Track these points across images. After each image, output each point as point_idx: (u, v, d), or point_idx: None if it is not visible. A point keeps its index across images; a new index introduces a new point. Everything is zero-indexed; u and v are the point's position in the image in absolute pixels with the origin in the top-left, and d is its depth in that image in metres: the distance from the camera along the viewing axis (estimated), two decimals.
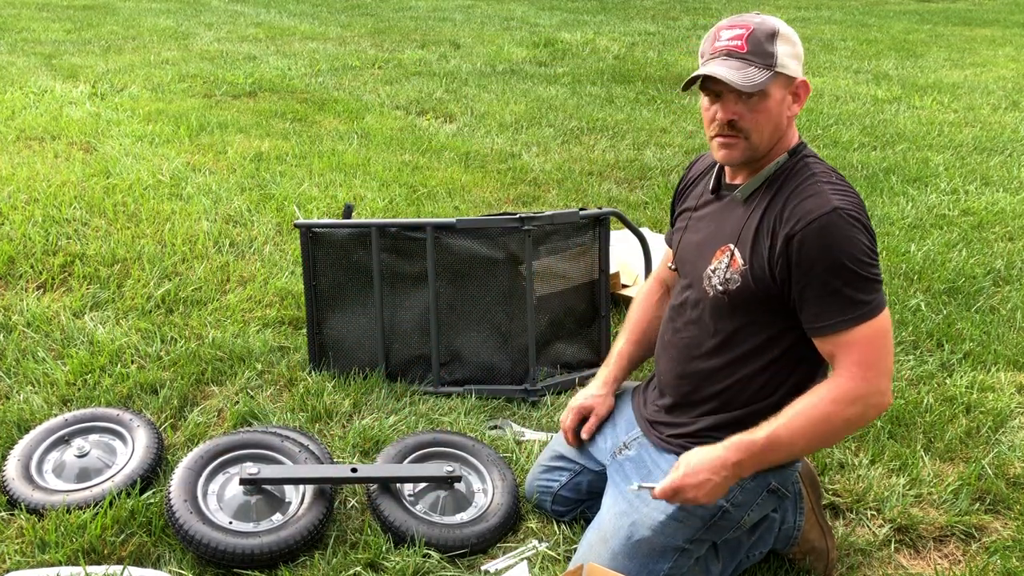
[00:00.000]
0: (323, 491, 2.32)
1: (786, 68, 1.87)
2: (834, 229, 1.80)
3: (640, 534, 2.00)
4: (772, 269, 1.88)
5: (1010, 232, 4.55)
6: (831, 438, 1.91)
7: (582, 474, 2.33)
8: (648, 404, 2.23)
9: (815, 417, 1.84)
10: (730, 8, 14.33)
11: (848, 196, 1.86)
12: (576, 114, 6.88)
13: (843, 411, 1.83)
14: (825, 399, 1.84)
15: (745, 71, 1.83)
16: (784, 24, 1.90)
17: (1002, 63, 9.68)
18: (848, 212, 1.82)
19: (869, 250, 1.83)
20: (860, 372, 1.82)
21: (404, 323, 3.03)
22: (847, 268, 1.80)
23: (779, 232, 1.86)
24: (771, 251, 1.88)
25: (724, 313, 1.99)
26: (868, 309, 1.82)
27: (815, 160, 1.95)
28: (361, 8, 13.57)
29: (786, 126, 1.94)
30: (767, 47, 1.85)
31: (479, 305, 3.01)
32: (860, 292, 1.81)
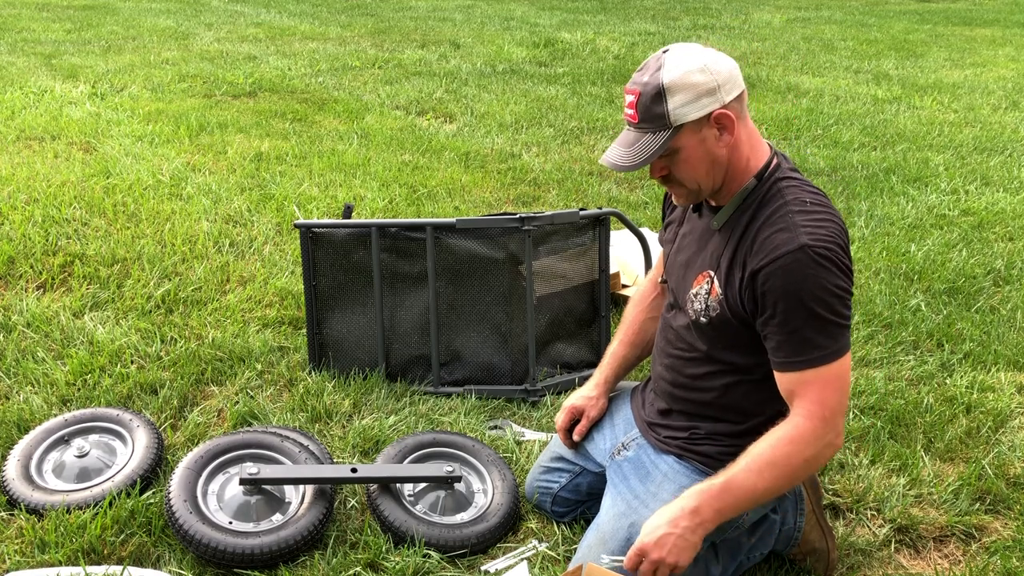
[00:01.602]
0: (323, 491, 2.32)
1: (686, 118, 1.80)
2: (800, 268, 1.75)
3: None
4: (742, 301, 1.87)
5: (1010, 232, 4.55)
6: (791, 479, 1.87)
7: (582, 475, 2.33)
8: (647, 405, 2.23)
9: (774, 459, 1.82)
10: (730, 8, 14.33)
11: (821, 227, 1.79)
12: (576, 114, 6.88)
13: (802, 452, 1.81)
14: (783, 440, 1.82)
15: (638, 144, 1.84)
16: (683, 65, 1.79)
17: (1002, 63, 9.68)
18: (817, 250, 1.75)
19: (837, 290, 1.77)
20: (818, 412, 1.80)
21: (404, 323, 3.03)
22: (809, 310, 1.76)
23: (748, 265, 1.84)
24: (740, 283, 1.86)
25: (708, 335, 1.99)
26: (827, 353, 1.79)
27: (788, 183, 1.88)
28: (361, 8, 13.57)
29: (731, 157, 1.86)
30: (655, 109, 1.80)
31: (479, 305, 3.01)
32: (821, 335, 1.78)
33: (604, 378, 2.37)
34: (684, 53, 1.82)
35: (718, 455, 2.02)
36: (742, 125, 1.87)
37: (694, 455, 2.06)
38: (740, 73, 1.86)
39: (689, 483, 2.01)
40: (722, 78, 1.81)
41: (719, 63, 1.82)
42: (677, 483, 2.03)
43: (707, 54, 1.83)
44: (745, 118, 1.88)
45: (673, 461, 2.08)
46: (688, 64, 1.80)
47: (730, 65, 1.84)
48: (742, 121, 1.87)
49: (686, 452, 2.06)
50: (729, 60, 1.86)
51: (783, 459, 1.81)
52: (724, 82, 1.81)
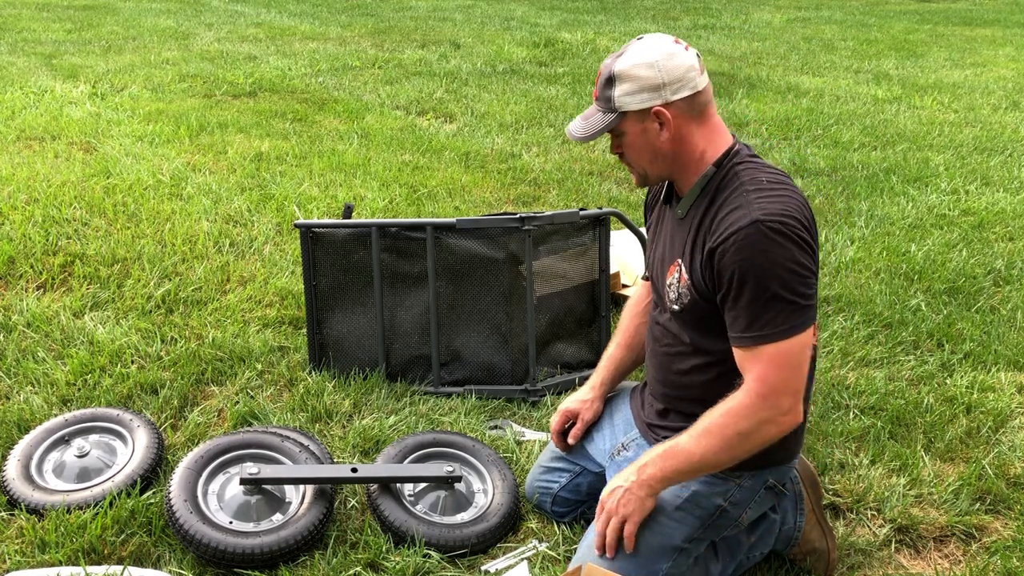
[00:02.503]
0: (323, 491, 2.32)
1: (627, 106, 1.87)
2: (751, 243, 1.76)
3: (638, 534, 2.00)
4: (704, 281, 1.89)
5: (1010, 232, 4.55)
6: (727, 450, 1.86)
7: (582, 475, 2.33)
8: (646, 407, 2.23)
9: (710, 428, 1.85)
10: (730, 8, 14.33)
11: (776, 202, 1.79)
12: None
13: (735, 424, 1.82)
14: (722, 410, 1.84)
15: (591, 119, 1.93)
16: (636, 57, 1.86)
17: (1002, 63, 9.68)
18: (769, 224, 1.76)
19: (792, 264, 1.76)
20: (756, 388, 1.80)
21: (404, 323, 3.03)
22: (760, 285, 1.76)
23: (706, 245, 1.86)
24: (701, 264, 1.88)
25: (687, 325, 2.00)
26: (775, 331, 1.77)
27: (746, 166, 1.89)
28: (361, 8, 13.57)
29: (674, 147, 1.90)
30: (606, 92, 1.90)
31: (479, 305, 3.01)
32: (770, 311, 1.77)
33: (600, 381, 2.37)
34: (646, 46, 1.88)
35: None
36: (692, 123, 1.90)
37: None
38: (699, 74, 1.88)
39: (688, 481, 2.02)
40: (670, 77, 1.85)
41: (673, 61, 1.86)
42: None
43: (664, 51, 1.86)
44: (699, 116, 1.90)
45: None
46: (642, 57, 1.86)
47: (686, 65, 1.86)
48: (691, 119, 1.89)
49: None
50: (687, 60, 1.87)
51: (717, 429, 1.84)
52: (671, 81, 1.85)
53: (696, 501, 2.01)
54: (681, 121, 1.88)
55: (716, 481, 2.01)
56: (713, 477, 2.01)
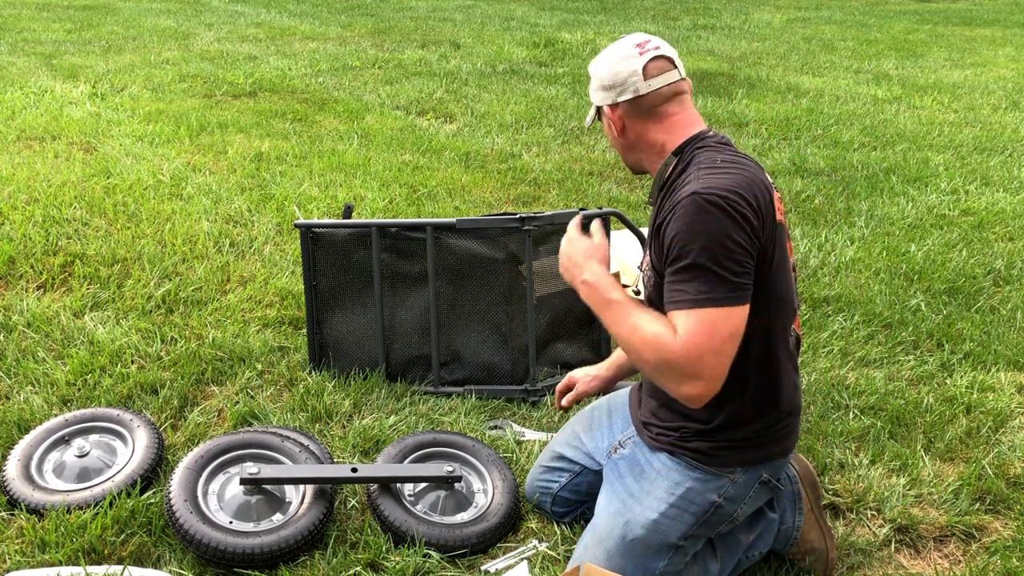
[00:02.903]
0: (323, 491, 2.32)
1: (595, 101, 2.07)
2: (685, 214, 1.80)
3: (634, 533, 2.00)
4: (655, 260, 1.95)
5: (1010, 232, 4.55)
6: (637, 356, 1.87)
7: (582, 475, 2.33)
8: (641, 405, 2.24)
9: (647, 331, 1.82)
10: (730, 8, 14.33)
11: (720, 177, 1.82)
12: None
13: (657, 352, 1.79)
14: (660, 326, 1.81)
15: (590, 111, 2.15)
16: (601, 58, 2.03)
17: (1002, 63, 9.68)
18: (704, 195, 1.79)
19: (720, 239, 1.77)
20: (683, 347, 1.76)
21: (404, 323, 3.03)
22: (692, 252, 1.78)
23: (656, 223, 1.93)
24: (653, 246, 1.95)
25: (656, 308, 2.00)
26: (705, 299, 1.76)
27: (707, 150, 1.94)
28: (361, 8, 13.57)
29: (633, 142, 2.03)
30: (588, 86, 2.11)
31: (479, 305, 3.01)
32: (701, 281, 1.77)
33: (611, 362, 2.49)
34: (612, 48, 2.03)
35: (708, 450, 2.03)
36: (644, 121, 2.00)
37: (685, 451, 2.06)
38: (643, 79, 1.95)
39: (681, 478, 2.03)
40: (616, 80, 1.99)
41: (618, 66, 1.98)
42: (670, 479, 2.04)
43: (618, 54, 1.99)
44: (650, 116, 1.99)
45: (666, 458, 2.08)
46: (602, 59, 2.04)
47: (628, 71, 1.96)
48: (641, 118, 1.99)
49: (677, 448, 2.07)
50: (632, 66, 1.96)
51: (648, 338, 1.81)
52: (617, 84, 1.99)
53: (690, 498, 2.01)
54: (630, 121, 2.01)
55: (709, 477, 2.02)
56: (706, 474, 2.02)
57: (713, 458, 2.02)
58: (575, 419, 2.48)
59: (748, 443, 2.01)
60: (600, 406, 2.43)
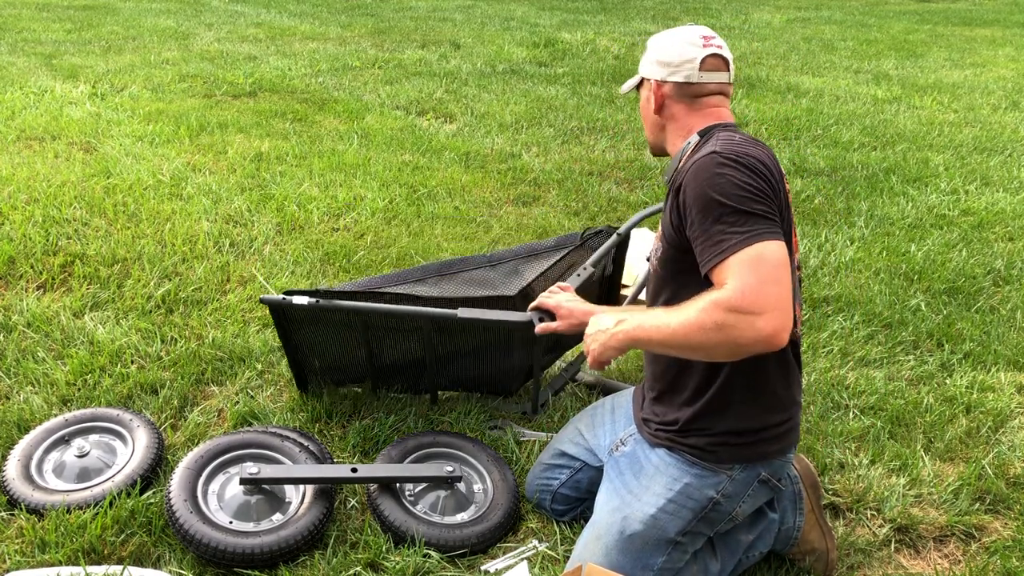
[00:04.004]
0: (323, 491, 2.32)
1: (643, 73, 2.14)
2: (705, 169, 1.85)
3: (632, 528, 2.00)
4: (672, 222, 1.96)
5: (1010, 232, 4.55)
6: (700, 332, 1.79)
7: (582, 471, 2.33)
8: (644, 405, 2.25)
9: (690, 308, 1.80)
10: (730, 8, 14.33)
11: (735, 145, 1.89)
12: (576, 114, 6.88)
13: (714, 314, 1.75)
14: (707, 296, 1.79)
15: (630, 79, 2.23)
16: (668, 34, 2.10)
17: (1002, 63, 9.68)
18: (723, 154, 1.86)
19: (744, 184, 1.81)
20: (737, 286, 1.74)
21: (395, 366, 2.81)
22: (717, 202, 1.81)
23: (676, 189, 1.95)
24: (670, 208, 1.97)
25: (663, 284, 2.08)
26: (742, 239, 1.77)
27: (726, 130, 2.00)
28: (361, 8, 13.57)
29: (663, 121, 2.11)
30: (642, 56, 2.16)
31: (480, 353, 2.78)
32: (733, 225, 1.79)
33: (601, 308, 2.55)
34: (681, 29, 2.11)
35: (706, 446, 2.04)
36: (682, 104, 2.07)
37: (684, 447, 2.06)
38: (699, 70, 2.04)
39: (679, 474, 2.03)
40: (674, 60, 2.06)
41: (680, 49, 2.06)
42: (668, 475, 2.05)
43: (684, 39, 2.07)
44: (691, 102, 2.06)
45: (664, 454, 2.09)
46: (667, 36, 2.10)
47: (687, 58, 2.05)
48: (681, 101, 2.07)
49: (676, 444, 2.07)
50: (691, 54, 2.05)
51: (698, 312, 1.78)
52: (673, 64, 2.06)
53: (688, 493, 2.02)
54: (671, 101, 2.08)
55: (707, 473, 2.02)
56: (704, 470, 2.02)
57: (711, 454, 2.03)
58: (577, 417, 2.49)
59: (746, 440, 2.02)
60: (603, 404, 2.44)
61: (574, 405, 2.94)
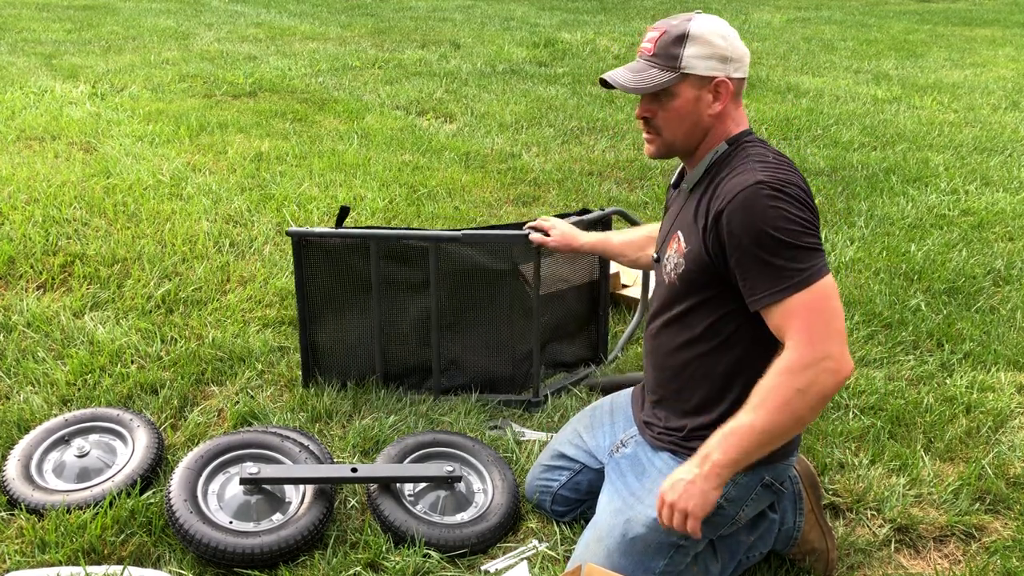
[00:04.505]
0: (323, 491, 2.32)
1: (694, 69, 1.91)
2: (755, 201, 1.80)
3: (635, 531, 2.00)
4: (706, 246, 1.91)
5: (1010, 232, 4.55)
6: (788, 412, 1.78)
7: (582, 473, 2.33)
8: (644, 405, 2.24)
9: (766, 393, 1.80)
10: (730, 8, 14.33)
11: (776, 171, 1.86)
12: (576, 114, 6.88)
13: (792, 382, 1.77)
14: (773, 372, 1.80)
15: (644, 73, 1.94)
16: (709, 25, 1.93)
17: (1002, 63, 9.68)
18: (771, 184, 1.82)
19: (796, 218, 1.80)
20: (804, 339, 1.77)
21: (401, 331, 2.95)
22: (771, 237, 1.79)
23: (710, 211, 1.89)
24: (704, 230, 1.91)
25: (678, 297, 2.04)
26: (803, 277, 1.79)
27: (755, 144, 1.96)
28: (361, 8, 13.57)
29: (712, 122, 1.97)
30: (672, 50, 1.91)
31: (480, 314, 2.95)
32: (791, 261, 1.79)
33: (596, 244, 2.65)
34: (714, 19, 1.96)
35: None
36: (733, 104, 1.98)
37: (688, 451, 2.06)
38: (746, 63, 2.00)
39: None
40: (736, 54, 1.94)
41: (738, 41, 1.96)
42: None
43: (731, 30, 1.96)
44: (739, 102, 2.00)
45: (668, 457, 2.08)
46: (716, 27, 1.94)
47: (745, 49, 1.98)
48: (735, 101, 1.98)
49: (680, 448, 2.07)
50: (744, 48, 1.98)
51: (774, 391, 1.79)
52: (736, 58, 1.94)
53: None
54: (729, 98, 1.96)
55: None
56: None
57: None
58: (576, 418, 2.48)
59: None
60: (602, 405, 2.44)
61: (574, 405, 2.94)
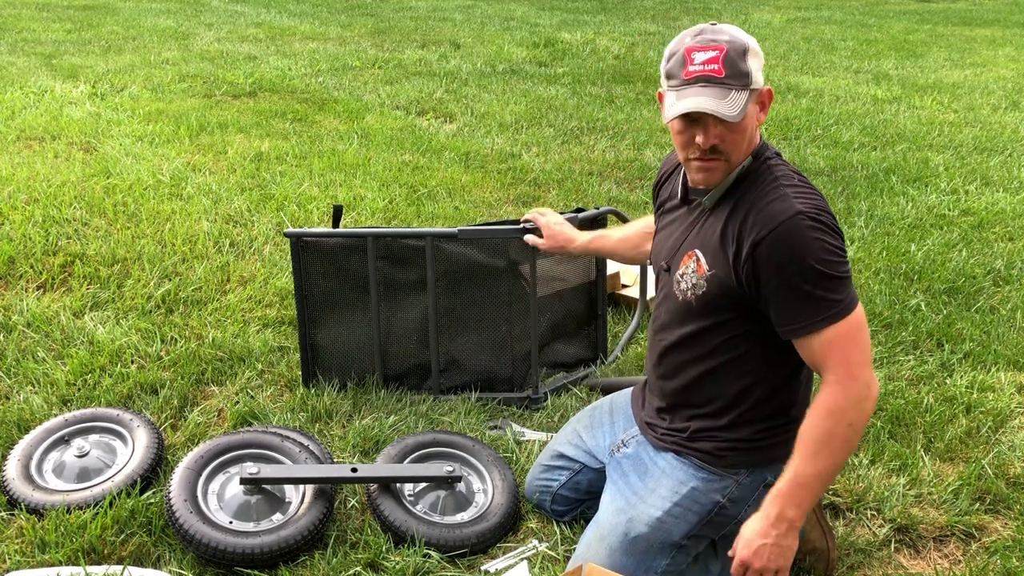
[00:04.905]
0: (323, 491, 2.32)
1: (758, 83, 1.86)
2: (798, 233, 1.80)
3: (637, 531, 2.00)
4: (738, 274, 1.89)
5: (1010, 232, 4.55)
6: (845, 448, 1.86)
7: (582, 473, 2.33)
8: (645, 405, 2.24)
9: (821, 438, 1.84)
10: (730, 8, 14.33)
11: (810, 199, 1.85)
12: (576, 114, 6.88)
13: (842, 419, 1.82)
14: (822, 415, 1.84)
15: (729, 98, 1.82)
16: (746, 34, 1.89)
17: (1002, 63, 9.68)
18: (810, 215, 1.81)
19: (835, 249, 1.82)
20: (845, 373, 1.82)
21: (400, 331, 2.96)
22: (813, 269, 1.79)
23: (744, 238, 1.86)
24: (736, 257, 1.88)
25: (692, 315, 2.01)
26: (840, 307, 1.81)
27: (777, 162, 1.95)
28: (361, 8, 13.57)
29: (753, 135, 1.93)
30: (742, 67, 1.82)
31: (478, 312, 2.95)
32: (829, 292, 1.81)
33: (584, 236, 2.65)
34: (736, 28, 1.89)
35: (714, 450, 2.04)
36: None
37: (691, 451, 2.06)
38: None
39: (686, 477, 2.03)
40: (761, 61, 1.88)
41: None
42: (675, 478, 2.05)
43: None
44: None
45: (671, 457, 2.08)
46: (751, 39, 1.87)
47: None
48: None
49: (683, 448, 2.07)
50: None
51: (827, 435, 1.83)
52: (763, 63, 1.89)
53: (695, 498, 2.01)
54: None
55: (714, 478, 2.02)
56: (711, 474, 2.02)
57: (719, 459, 2.02)
58: (576, 418, 2.48)
59: (754, 445, 2.02)
60: (601, 405, 2.44)
61: (574, 405, 2.94)
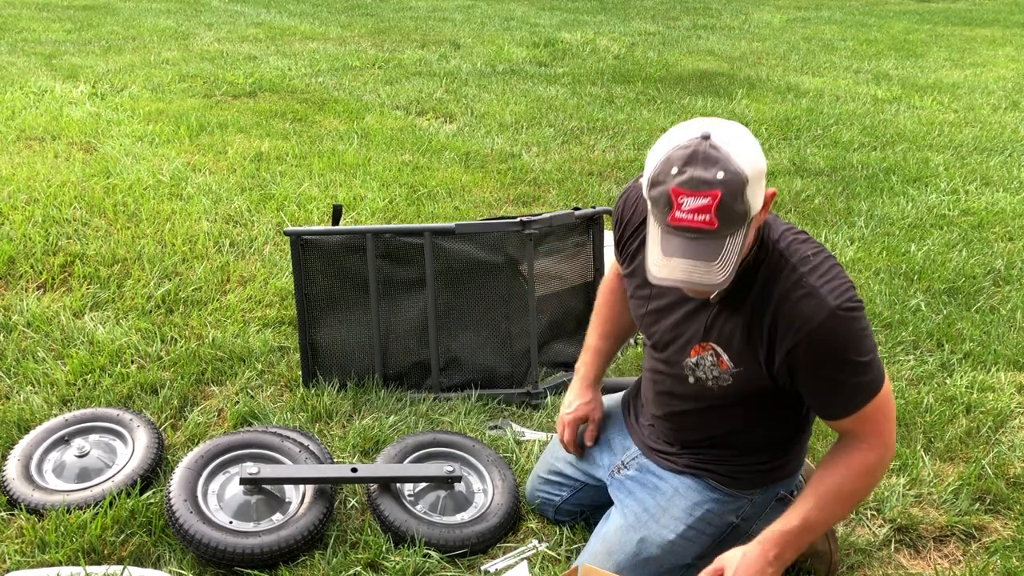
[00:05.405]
0: (323, 491, 2.32)
1: (756, 209, 1.62)
2: (834, 334, 1.73)
3: (649, 552, 1.99)
4: (772, 375, 1.83)
5: (1010, 232, 4.55)
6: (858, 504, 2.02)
7: (583, 490, 2.31)
8: (644, 429, 2.20)
9: (844, 494, 1.86)
10: (730, 8, 14.33)
11: (833, 281, 1.74)
12: (576, 114, 6.88)
13: (871, 482, 1.89)
14: (853, 475, 1.85)
15: (723, 252, 1.60)
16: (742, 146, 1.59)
17: (1002, 63, 9.68)
18: (844, 307, 1.72)
19: (866, 332, 1.78)
20: (879, 441, 1.85)
21: (400, 329, 2.97)
22: (851, 363, 1.76)
23: (776, 342, 1.77)
24: (769, 359, 1.81)
25: (711, 397, 1.95)
26: (874, 387, 1.80)
27: (785, 238, 1.79)
28: (361, 8, 13.57)
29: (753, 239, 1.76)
30: (739, 208, 1.57)
31: (478, 309, 2.98)
32: (864, 375, 1.79)
33: (593, 376, 2.32)
34: (731, 131, 1.61)
35: (731, 473, 2.03)
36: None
37: (704, 471, 2.05)
38: None
39: (701, 499, 2.02)
40: (764, 169, 1.63)
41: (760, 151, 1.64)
42: (689, 499, 2.03)
43: (743, 128, 1.65)
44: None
45: (674, 478, 2.07)
46: (747, 144, 1.60)
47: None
48: None
49: (698, 470, 2.06)
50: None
51: (852, 491, 1.87)
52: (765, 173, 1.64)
53: (708, 520, 2.01)
54: None
55: (728, 499, 2.02)
56: (726, 495, 2.02)
57: (736, 480, 2.02)
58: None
59: (771, 466, 2.03)
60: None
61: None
